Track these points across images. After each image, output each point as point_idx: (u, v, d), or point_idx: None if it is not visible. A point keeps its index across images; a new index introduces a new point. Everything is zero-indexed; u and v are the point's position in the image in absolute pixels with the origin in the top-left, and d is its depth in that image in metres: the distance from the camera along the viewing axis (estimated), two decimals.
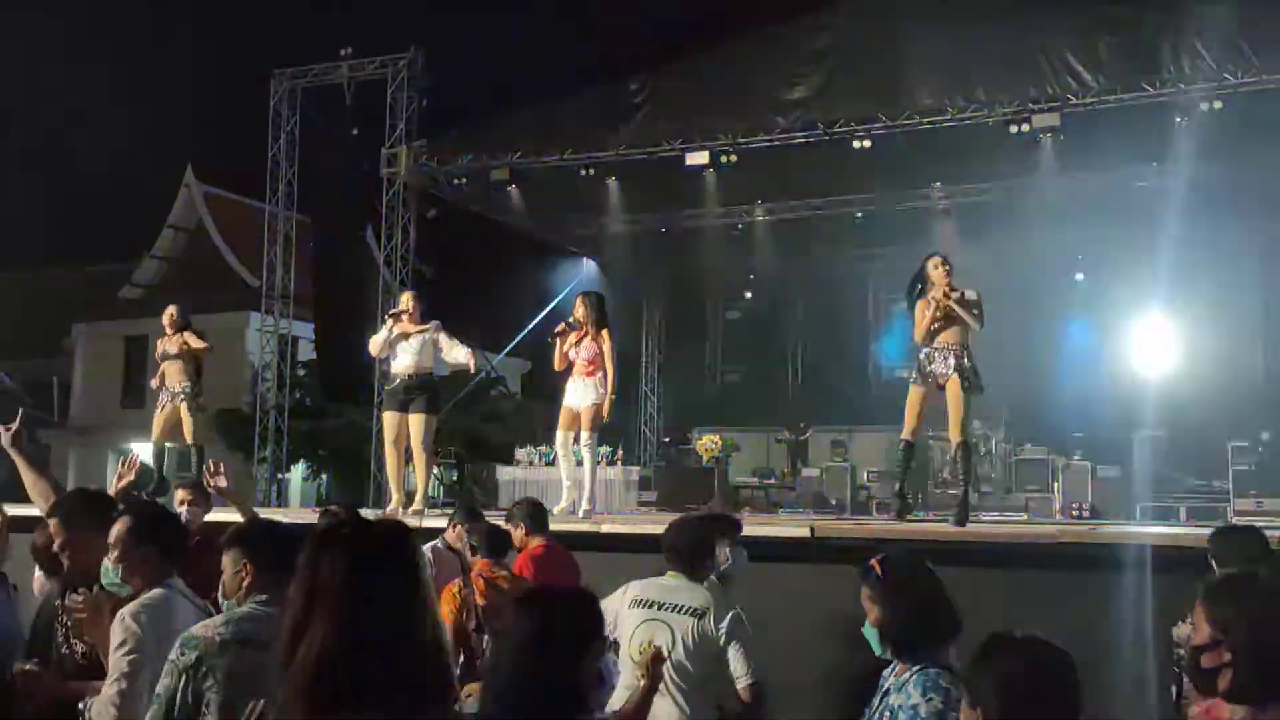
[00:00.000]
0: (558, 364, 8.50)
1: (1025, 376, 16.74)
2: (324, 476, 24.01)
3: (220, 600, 3.34)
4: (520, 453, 15.58)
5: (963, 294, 7.71)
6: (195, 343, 9.88)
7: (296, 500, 23.72)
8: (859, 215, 17.09)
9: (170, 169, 28.25)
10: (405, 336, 8.53)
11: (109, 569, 3.70)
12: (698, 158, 13.81)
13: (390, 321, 8.65)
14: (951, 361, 7.54)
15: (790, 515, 13.40)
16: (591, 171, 14.62)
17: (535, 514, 5.97)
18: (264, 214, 26.25)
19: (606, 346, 8.46)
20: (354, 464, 20.73)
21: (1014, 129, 12.54)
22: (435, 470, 17.18)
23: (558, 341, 8.51)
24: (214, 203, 27.64)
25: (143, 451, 25.74)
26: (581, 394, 8.41)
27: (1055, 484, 15.33)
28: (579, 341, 8.45)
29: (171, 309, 10.06)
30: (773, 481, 18.06)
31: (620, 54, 15.27)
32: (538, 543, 5.91)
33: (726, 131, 13.64)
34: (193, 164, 27.56)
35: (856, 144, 13.20)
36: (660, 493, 15.20)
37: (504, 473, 15.61)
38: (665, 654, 3.89)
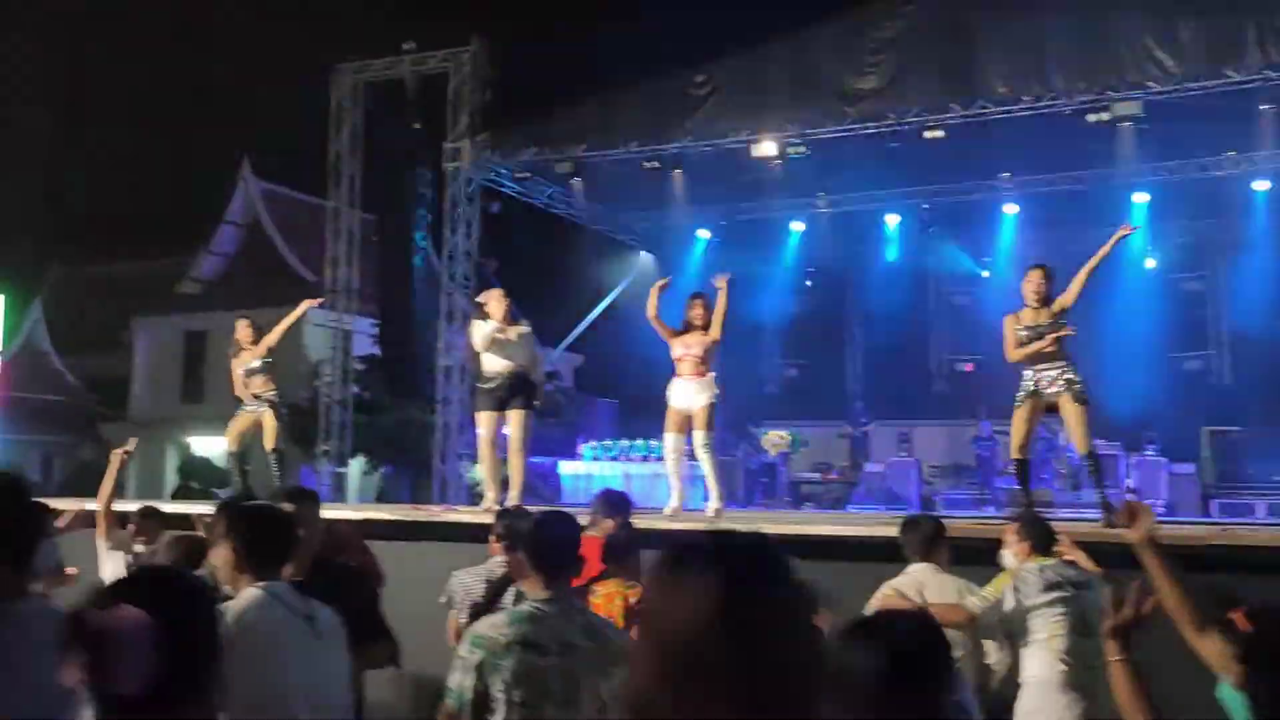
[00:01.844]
0: (651, 312, 8.58)
1: (1093, 370, 16.42)
2: (381, 470, 24.12)
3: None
4: (583, 448, 15.55)
5: (1055, 321, 7.45)
6: (274, 335, 9.84)
7: (354, 495, 23.85)
8: (925, 206, 16.87)
9: (228, 164, 28.50)
10: (501, 334, 8.47)
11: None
12: (765, 149, 13.66)
13: (494, 318, 8.55)
14: (1059, 378, 7.35)
15: (883, 513, 13.24)
16: (656, 164, 14.51)
17: (607, 501, 5.80)
18: (322, 209, 26.65)
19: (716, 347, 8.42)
20: (412, 459, 20.82)
21: (1092, 117, 12.27)
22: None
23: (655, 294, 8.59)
24: (270, 198, 27.83)
25: (201, 446, 25.87)
26: (693, 395, 8.32)
27: (1127, 480, 15.11)
28: (685, 339, 8.37)
29: (247, 323, 9.98)
30: (835, 477, 17.88)
31: (684, 45, 15.09)
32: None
33: (794, 122, 13.47)
34: (250, 159, 27.78)
35: (928, 134, 13.00)
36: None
37: (566, 468, 15.56)
38: None
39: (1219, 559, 5.67)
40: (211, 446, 26.80)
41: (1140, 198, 15.68)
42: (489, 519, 5.78)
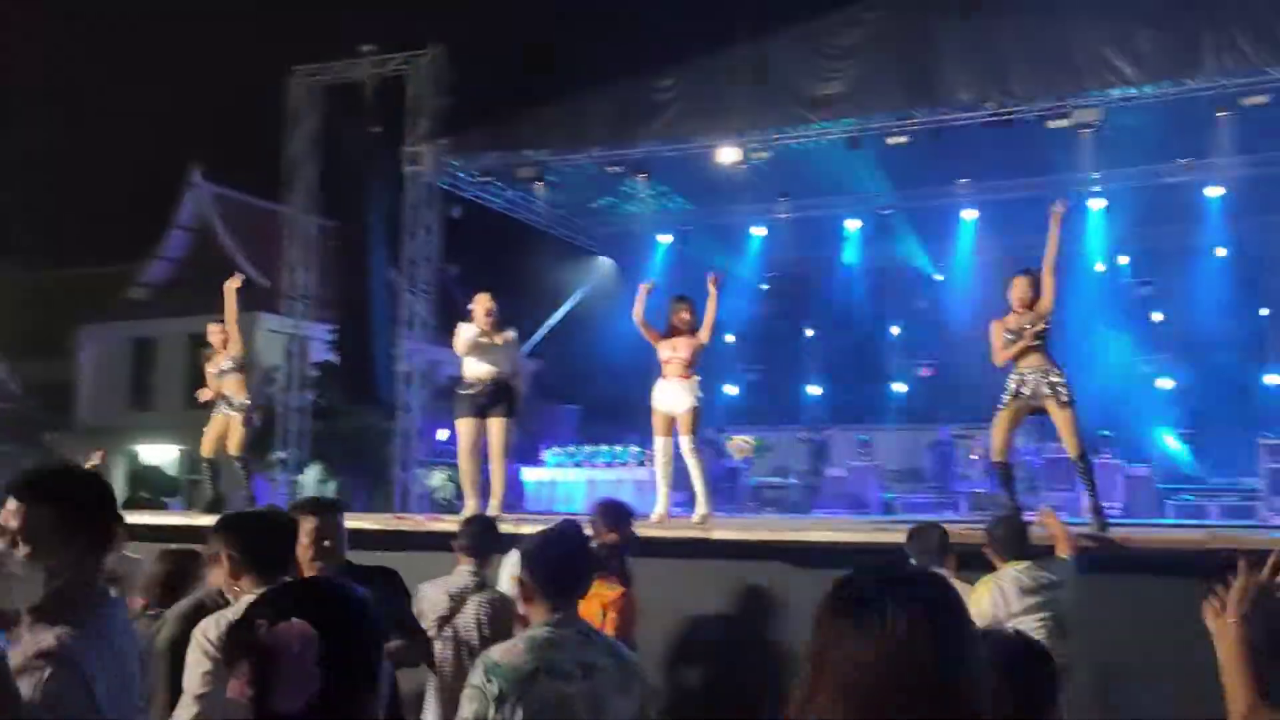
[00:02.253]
0: (638, 315, 8.51)
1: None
2: (335, 478, 23.83)
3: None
4: (546, 454, 15.44)
5: (1038, 325, 7.45)
6: (236, 338, 9.75)
7: None
8: (885, 211, 16.97)
9: (176, 169, 28.03)
10: (485, 338, 8.36)
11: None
12: (729, 154, 13.66)
13: (478, 323, 8.44)
14: (1044, 381, 7.35)
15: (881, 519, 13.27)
16: (620, 168, 14.46)
17: (608, 513, 5.77)
18: (276, 214, 26.28)
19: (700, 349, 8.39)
20: (369, 466, 20.57)
21: (1052, 124, 12.40)
22: (447, 473, 17.09)
23: (642, 297, 8.52)
24: (222, 203, 27.42)
25: (151, 455, 25.38)
26: (678, 397, 8.28)
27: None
28: (673, 342, 8.32)
29: (218, 327, 9.85)
30: (796, 482, 17.92)
31: (648, 50, 15.05)
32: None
33: (758, 127, 13.49)
34: (200, 164, 27.34)
35: (891, 140, 13.06)
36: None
37: (529, 474, 15.43)
38: None
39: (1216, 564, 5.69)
40: (160, 455, 26.39)
41: (1097, 204, 15.90)
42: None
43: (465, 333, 8.40)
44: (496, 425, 8.26)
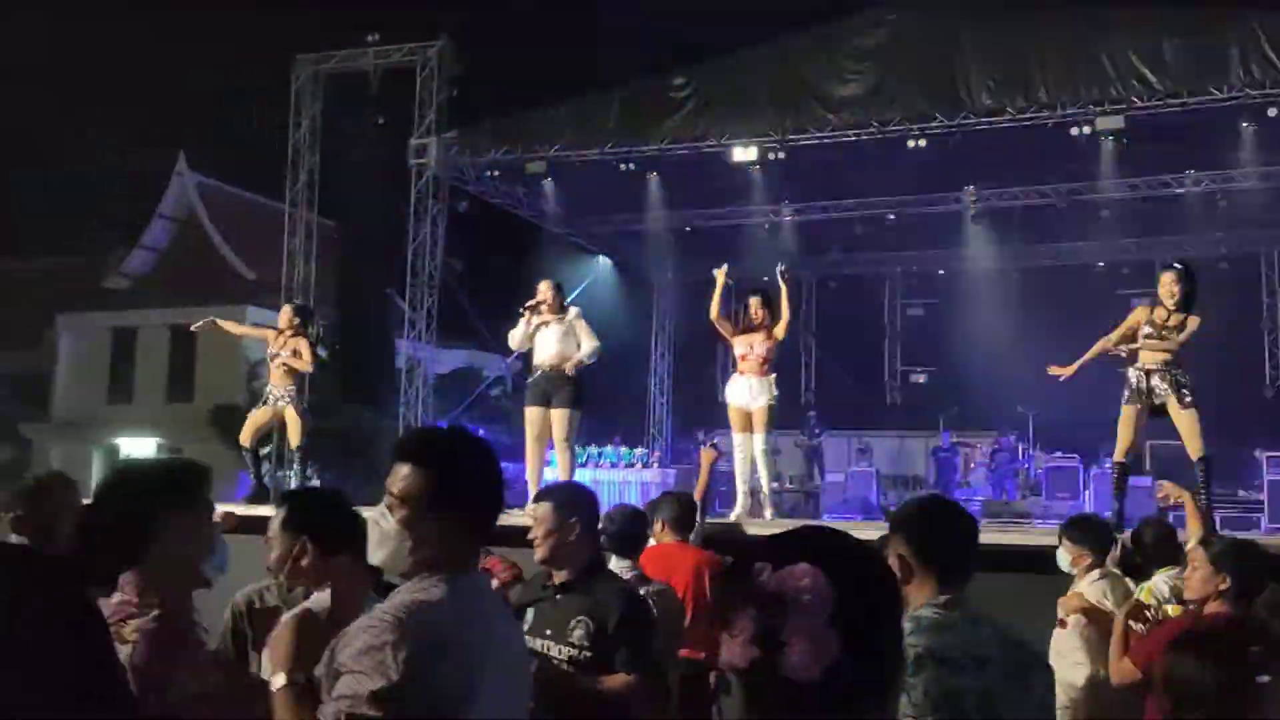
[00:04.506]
0: (715, 312, 8.40)
1: (1053, 383, 16.60)
2: (317, 477, 23.47)
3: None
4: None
5: (1181, 322, 7.05)
6: (299, 363, 9.02)
7: None
8: (890, 217, 16.86)
9: (162, 156, 27.53)
10: (545, 326, 8.12)
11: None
12: (745, 154, 13.51)
13: (527, 314, 8.24)
14: (1166, 379, 7.03)
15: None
16: (632, 166, 14.27)
17: (682, 514, 5.56)
18: (262, 206, 25.87)
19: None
20: (361, 463, 20.24)
21: (1075, 130, 12.34)
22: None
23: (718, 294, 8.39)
24: (207, 193, 26.96)
25: (131, 448, 24.79)
26: (754, 393, 8.10)
27: (1086, 491, 15.25)
28: (748, 338, 8.14)
29: (289, 309, 9.36)
30: (791, 486, 17.78)
31: (662, 48, 14.90)
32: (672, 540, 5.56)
33: (776, 128, 13.34)
34: (185, 151, 26.86)
35: (911, 143, 12.95)
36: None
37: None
38: None
39: None
40: (140, 448, 25.88)
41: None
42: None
43: (519, 327, 8.18)
44: (559, 415, 8.05)
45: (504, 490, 2.23)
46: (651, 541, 5.46)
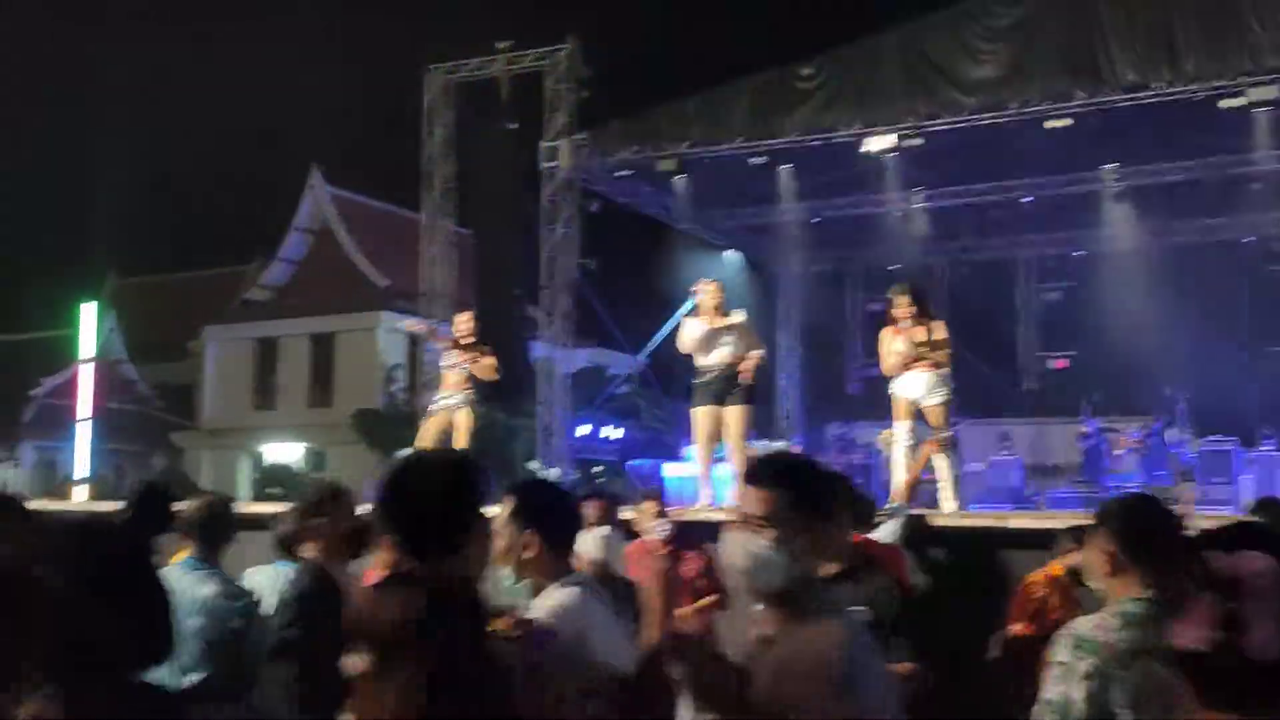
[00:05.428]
0: (890, 368, 8.09)
1: (1206, 364, 16.09)
2: None
3: None
4: (686, 450, 15.30)
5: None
6: (486, 372, 9.39)
7: None
8: (1026, 199, 16.49)
9: (295, 170, 28.49)
10: (718, 328, 8.22)
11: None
12: (880, 142, 13.37)
13: (707, 317, 8.29)
14: None
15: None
16: (763, 160, 14.26)
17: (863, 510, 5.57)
18: (392, 214, 26.56)
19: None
20: (493, 462, 20.66)
21: (1225, 103, 11.90)
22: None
23: (889, 338, 8.12)
24: (340, 204, 27.80)
25: (276, 454, 25.75)
26: (929, 388, 8.05)
27: (1243, 476, 14.72)
28: (912, 331, 8.09)
29: (465, 316, 9.70)
30: (929, 477, 17.51)
31: (787, 37, 14.83)
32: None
33: (909, 114, 13.18)
34: (319, 166, 27.75)
35: (1050, 124, 12.65)
36: None
37: (670, 470, 15.28)
38: None
39: None
40: (285, 454, 26.87)
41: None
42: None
43: (688, 329, 8.25)
44: (734, 413, 8.12)
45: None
46: None
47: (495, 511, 2.81)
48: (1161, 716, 2.36)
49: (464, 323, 9.58)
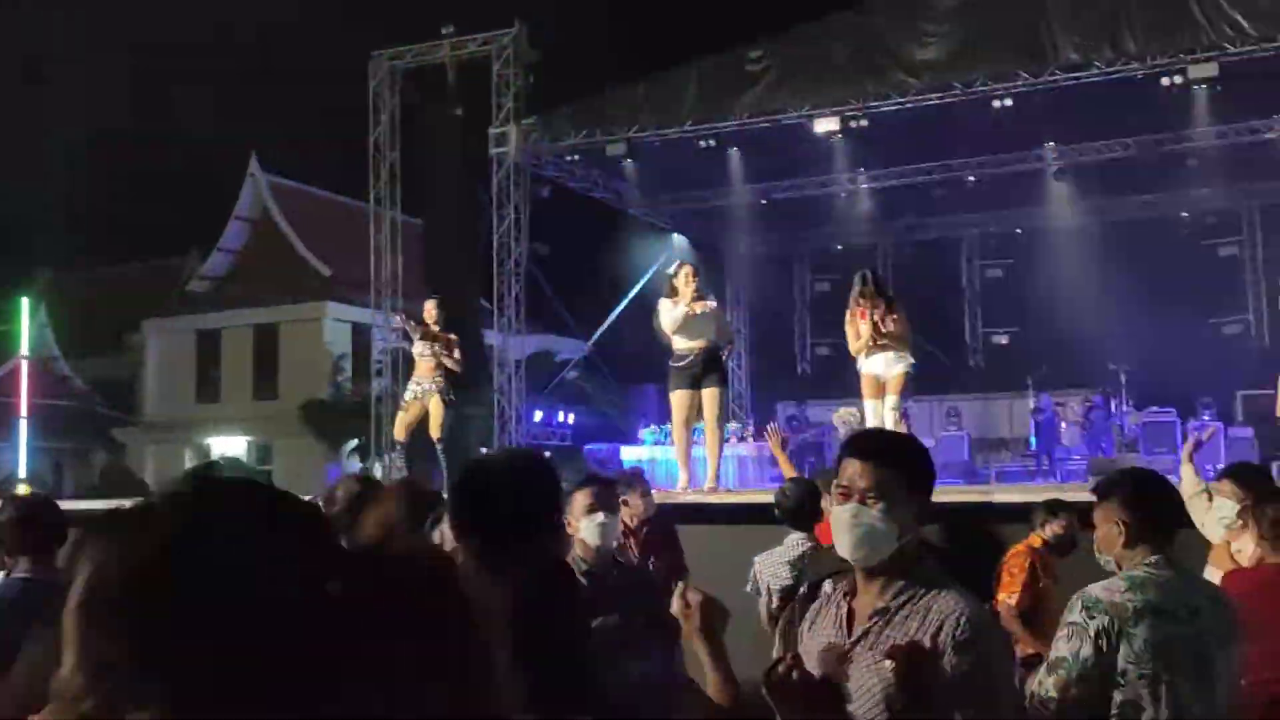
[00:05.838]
0: (858, 347, 8.35)
1: (1146, 338, 16.46)
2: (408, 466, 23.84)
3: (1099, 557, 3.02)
4: (643, 432, 15.38)
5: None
6: (450, 362, 9.39)
7: None
8: (970, 179, 16.72)
9: (234, 159, 27.99)
10: (694, 311, 8.25)
11: None
12: (827, 124, 13.48)
13: (689, 300, 8.30)
14: None
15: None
16: (712, 143, 14.31)
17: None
18: (334, 202, 26.21)
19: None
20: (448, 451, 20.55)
21: (1166, 81, 12.16)
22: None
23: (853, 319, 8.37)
24: (280, 193, 27.38)
25: (220, 447, 25.30)
26: (889, 364, 8.22)
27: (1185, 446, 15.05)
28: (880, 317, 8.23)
29: (432, 304, 9.70)
30: None
31: (734, 21, 14.87)
32: None
33: (856, 96, 13.29)
34: (255, 152, 27.27)
35: (996, 104, 12.84)
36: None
37: (627, 453, 15.32)
38: None
39: None
40: (229, 446, 26.47)
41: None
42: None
43: (669, 310, 8.27)
44: (710, 395, 8.19)
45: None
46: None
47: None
48: (1164, 671, 2.55)
49: (430, 310, 9.53)
